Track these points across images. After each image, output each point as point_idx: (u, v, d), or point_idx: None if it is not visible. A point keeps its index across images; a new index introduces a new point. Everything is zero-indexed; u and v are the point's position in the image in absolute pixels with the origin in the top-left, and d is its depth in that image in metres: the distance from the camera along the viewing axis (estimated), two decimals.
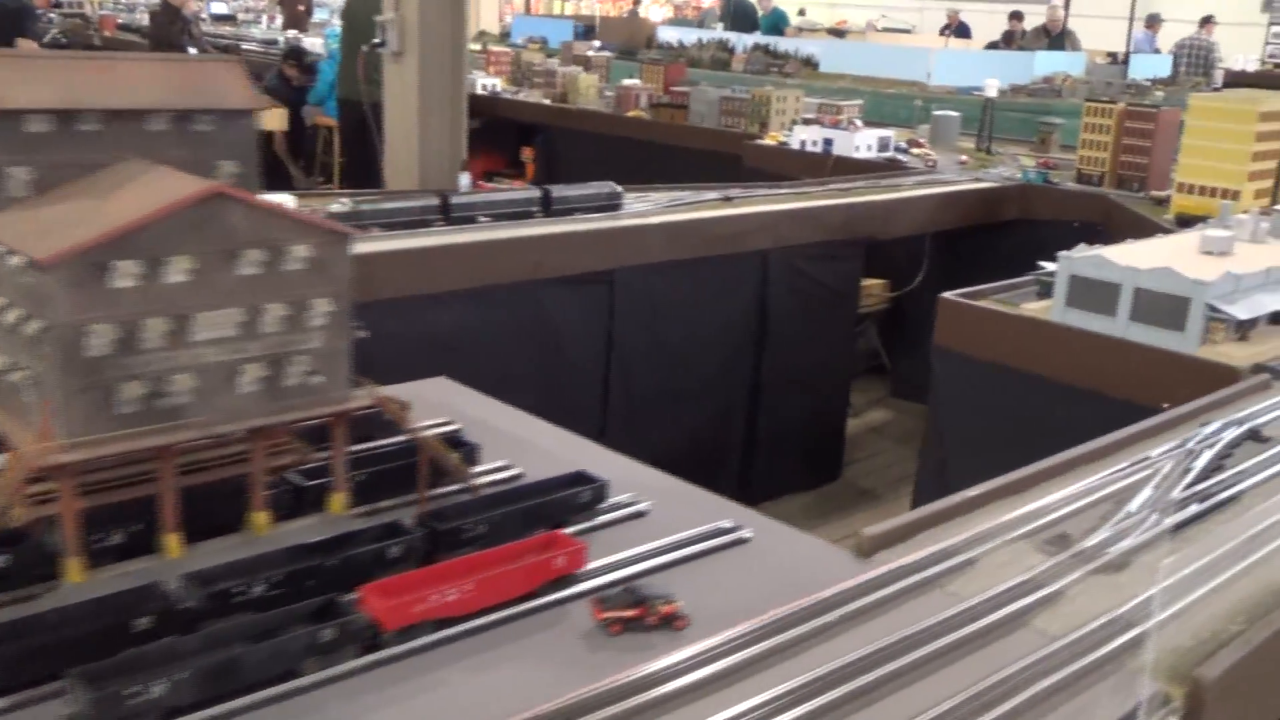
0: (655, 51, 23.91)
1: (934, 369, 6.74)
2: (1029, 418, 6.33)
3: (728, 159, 14.04)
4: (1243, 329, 5.87)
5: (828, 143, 13.22)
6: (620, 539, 3.53)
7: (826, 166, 13.01)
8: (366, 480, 3.49)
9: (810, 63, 22.51)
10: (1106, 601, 3.28)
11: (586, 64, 18.89)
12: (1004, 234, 11.40)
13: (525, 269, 7.64)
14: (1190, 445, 4.49)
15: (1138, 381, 5.87)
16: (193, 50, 19.72)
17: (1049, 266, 6.49)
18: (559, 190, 8.34)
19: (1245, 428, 4.76)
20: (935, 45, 26.26)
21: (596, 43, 22.04)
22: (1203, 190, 9.75)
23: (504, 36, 29.11)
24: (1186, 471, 4.22)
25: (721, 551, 3.54)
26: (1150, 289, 5.80)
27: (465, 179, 9.24)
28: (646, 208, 8.93)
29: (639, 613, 2.97)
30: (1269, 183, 9.83)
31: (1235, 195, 9.57)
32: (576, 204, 8.32)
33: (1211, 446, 4.47)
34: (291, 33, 24.77)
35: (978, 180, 11.67)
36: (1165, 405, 5.43)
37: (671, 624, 3.02)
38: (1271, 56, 35.97)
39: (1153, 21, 29.70)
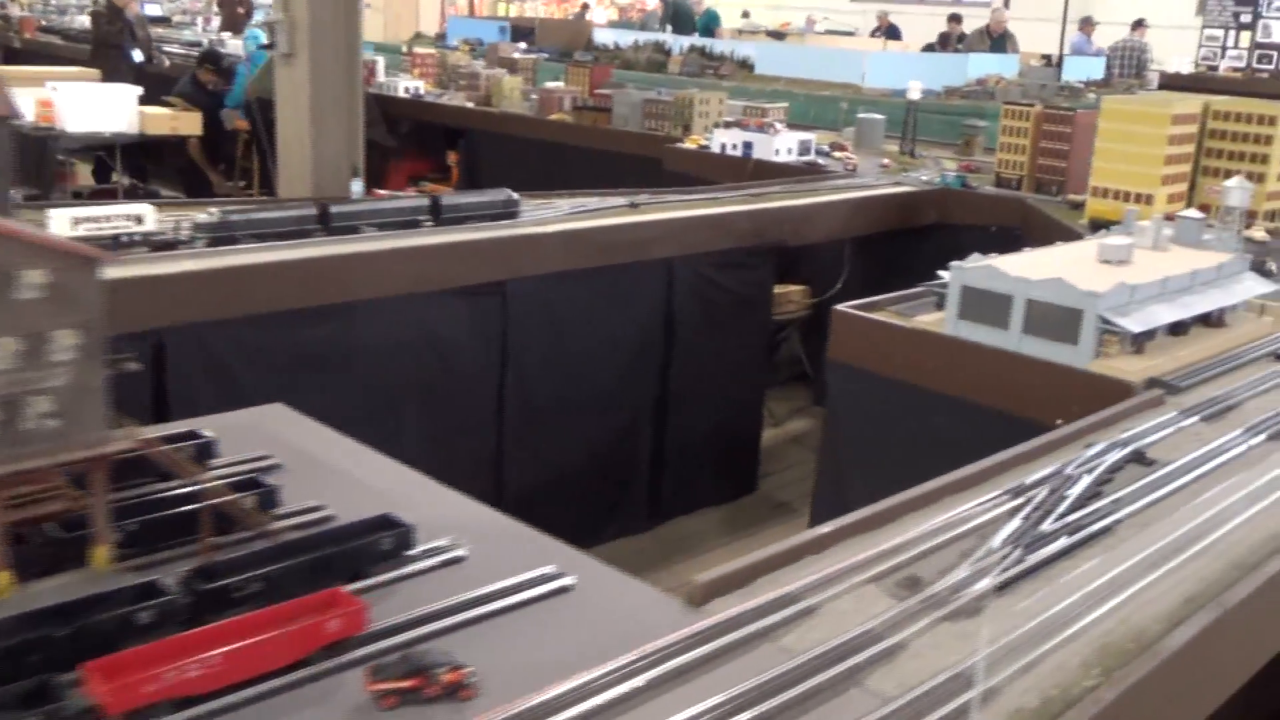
0: (591, 54, 23.65)
1: (829, 383, 6.47)
2: (925, 434, 6.07)
3: (649, 163, 13.74)
4: (1139, 341, 5.64)
5: (747, 146, 12.96)
6: (427, 591, 3.19)
7: (746, 170, 12.76)
8: (139, 530, 3.12)
9: (746, 65, 22.33)
10: (951, 654, 2.99)
11: (512, 66, 18.52)
12: (923, 239, 11.19)
13: (409, 280, 7.28)
14: (1069, 470, 4.23)
15: (1031, 397, 5.62)
16: (135, 52, 19.18)
17: (945, 276, 6.23)
18: (450, 198, 7.99)
19: (1130, 449, 4.51)
20: (873, 48, 26.18)
21: (523, 44, 21.66)
22: (1116, 194, 9.58)
23: (440, 38, 28.66)
24: (1061, 500, 3.96)
25: (538, 603, 3.21)
26: (1042, 300, 5.55)
27: (357, 186, 8.86)
28: (549, 214, 8.60)
29: (417, 683, 2.64)
30: (1183, 186, 9.68)
31: (1149, 199, 9.41)
32: (469, 212, 7.97)
33: (1090, 471, 4.21)
34: (216, 35, 24.18)
35: (897, 184, 11.45)
36: (1059, 421, 5.20)
37: (456, 694, 2.68)
38: (1205, 59, 36.32)
39: (1086, 24, 29.85)
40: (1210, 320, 6.26)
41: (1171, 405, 5.17)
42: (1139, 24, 28.52)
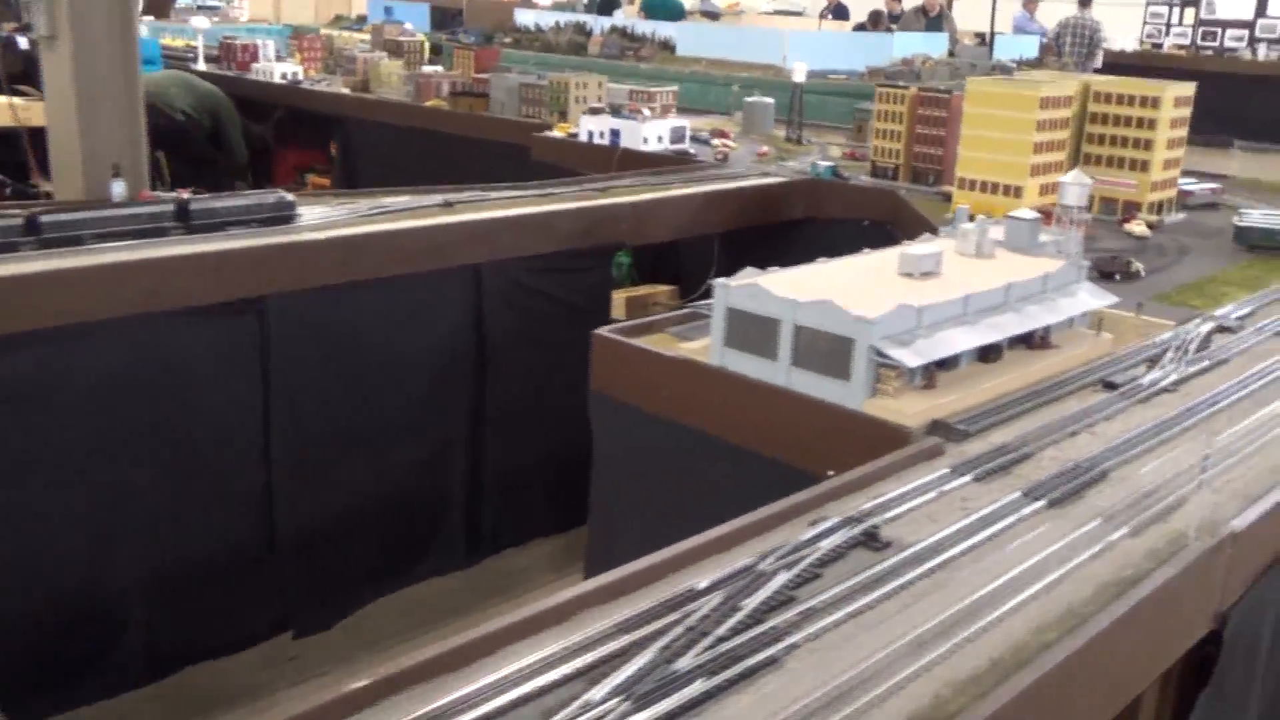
0: (510, 36, 22.75)
1: (592, 420, 5.52)
2: (695, 483, 5.14)
3: (520, 152, 12.73)
4: (929, 375, 4.71)
5: (615, 134, 11.99)
6: None
7: (612, 160, 11.80)
8: None
9: (668, 46, 21.37)
10: None
11: (397, 49, 17.42)
12: (795, 234, 10.28)
13: (136, 299, 6.26)
14: (764, 564, 3.29)
15: (802, 443, 4.70)
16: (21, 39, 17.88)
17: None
18: (203, 201, 6.97)
19: (862, 528, 3.57)
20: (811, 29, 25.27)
21: (409, 25, 20.57)
22: (984, 186, 8.67)
23: (361, 20, 27.52)
24: (732, 612, 3.02)
25: None
26: (811, 327, 4.62)
27: (118, 187, 7.81)
28: (338, 217, 7.60)
29: None
30: (1059, 176, 8.75)
31: (1018, 192, 8.51)
32: (228, 217, 6.95)
33: (792, 565, 3.28)
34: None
35: (766, 175, 10.50)
36: (830, 473, 4.28)
37: None
38: (1149, 37, 35.63)
39: (1028, 2, 29.01)
40: (1033, 342, 5.34)
41: (950, 457, 4.25)
42: (1086, 1, 27.72)
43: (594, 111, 12.45)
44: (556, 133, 12.61)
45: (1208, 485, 4.06)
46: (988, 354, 5.08)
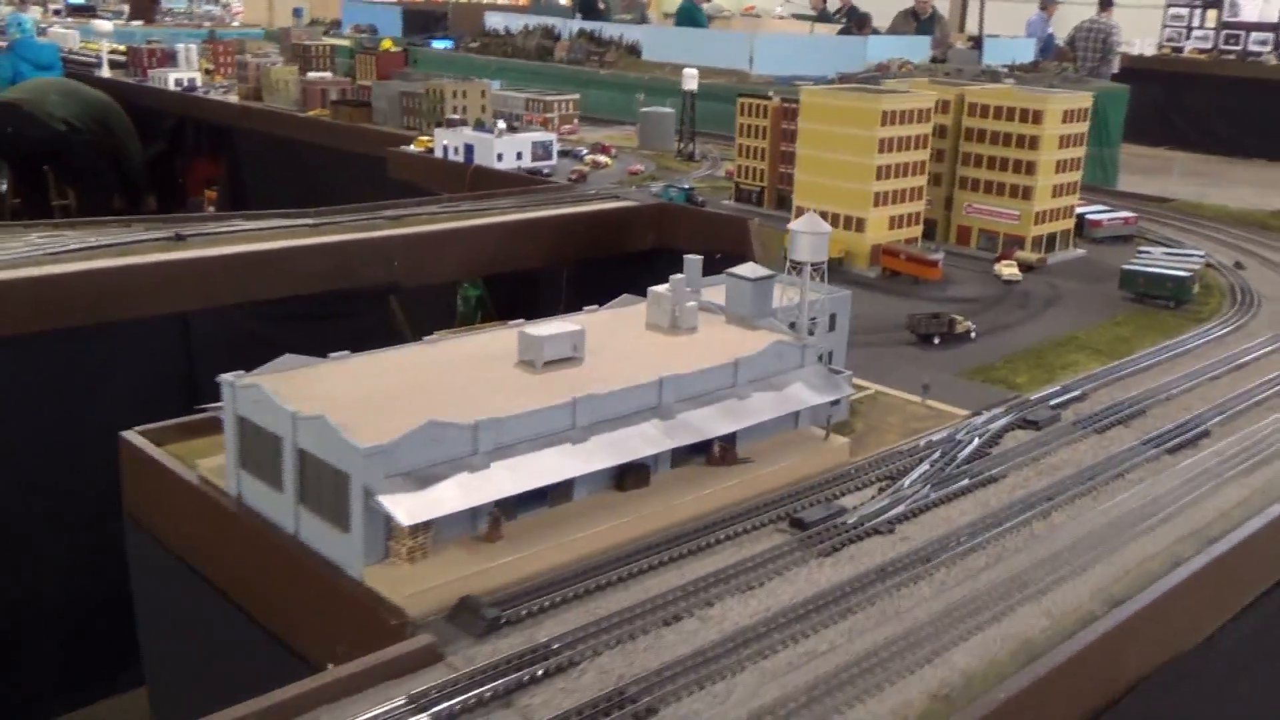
0: (479, 41, 21.81)
1: (128, 547, 4.11)
2: (213, 654, 3.73)
3: (379, 167, 11.37)
4: (494, 522, 3.27)
5: (469, 150, 10.57)
6: None
7: (465, 179, 10.41)
8: None
9: (634, 50, 20.15)
10: None
11: (306, 54, 16.13)
12: (645, 266, 8.82)
13: None
14: None
15: (302, 617, 3.27)
16: None
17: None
18: None
19: None
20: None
21: (320, 28, 19.30)
22: (823, 218, 7.15)
23: (335, 25, 26.49)
24: None
25: None
26: (313, 453, 3.19)
27: None
28: (21, 254, 6.30)
29: None
30: (914, 207, 7.22)
31: (859, 224, 7.01)
32: None
33: None
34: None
35: (616, 199, 9.03)
36: (329, 664, 2.87)
37: None
38: (1170, 40, 33.79)
39: (1047, 4, 27.34)
40: (712, 456, 3.88)
41: (441, 669, 2.80)
42: (1107, 4, 26.06)
43: (450, 124, 11.02)
44: (414, 147, 11.21)
45: None
46: (625, 479, 3.62)
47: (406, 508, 2.98)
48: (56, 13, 27.54)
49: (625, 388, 3.61)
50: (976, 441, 4.27)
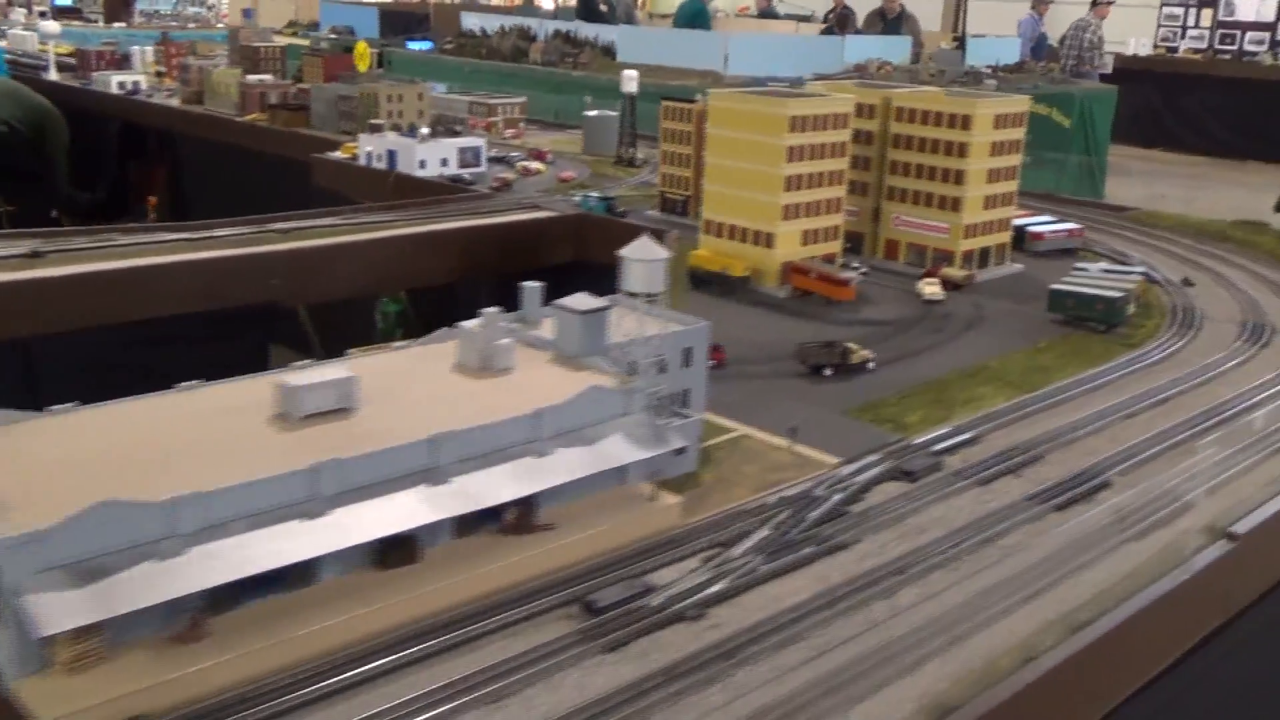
0: (454, 42, 21.45)
1: None
2: None
3: (303, 174, 10.85)
4: (196, 620, 2.73)
5: (391, 156, 10.06)
6: None
7: (387, 186, 9.88)
8: None
9: (609, 51, 19.73)
10: None
11: (254, 56, 15.61)
12: (564, 280, 8.26)
13: None
14: None
15: None
16: None
17: None
18: None
19: None
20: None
21: (270, 29, 18.82)
22: (731, 232, 6.62)
23: (314, 26, 26.11)
24: None
25: None
26: None
27: None
28: None
29: None
30: (831, 220, 6.65)
31: (769, 240, 6.45)
32: None
33: None
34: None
35: (536, 209, 8.49)
36: None
37: None
38: (1164, 40, 33.19)
39: (1039, 3, 26.81)
40: (505, 524, 3.33)
41: None
42: (1097, 3, 25.58)
43: (374, 129, 10.48)
44: (339, 154, 10.68)
45: None
46: (387, 556, 3.07)
47: (53, 611, 2.44)
48: (42, 15, 27.12)
49: (386, 448, 3.06)
50: (836, 498, 3.72)
